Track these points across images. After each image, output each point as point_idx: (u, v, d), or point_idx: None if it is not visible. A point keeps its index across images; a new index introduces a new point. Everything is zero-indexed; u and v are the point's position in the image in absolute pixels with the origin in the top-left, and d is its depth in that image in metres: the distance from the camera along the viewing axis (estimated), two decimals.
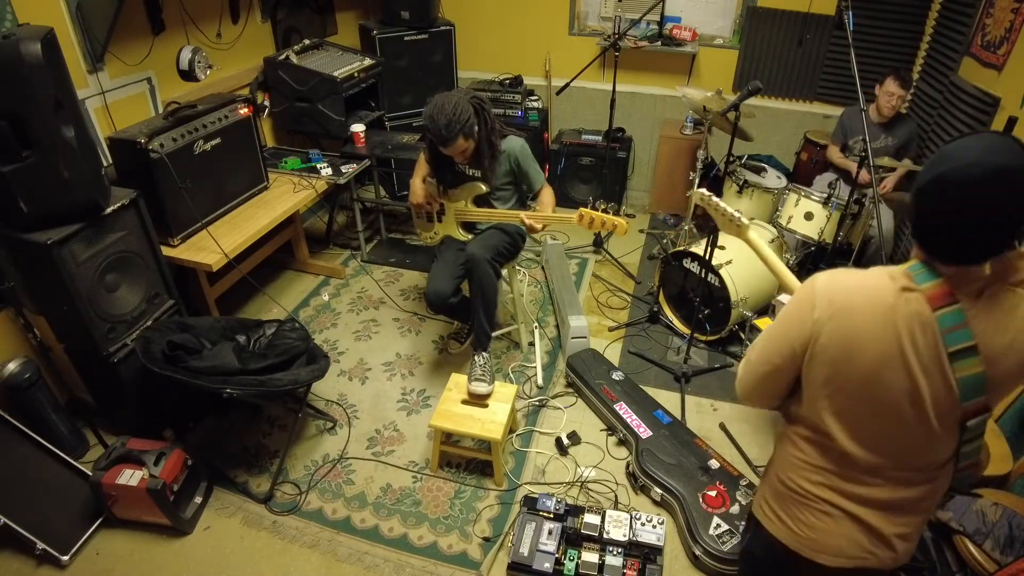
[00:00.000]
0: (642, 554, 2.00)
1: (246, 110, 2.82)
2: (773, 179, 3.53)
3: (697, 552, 2.04)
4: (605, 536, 2.03)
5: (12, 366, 2.22)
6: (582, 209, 2.30)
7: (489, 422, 2.29)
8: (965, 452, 1.05)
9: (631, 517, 2.07)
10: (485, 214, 2.63)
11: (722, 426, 2.65)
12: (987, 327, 0.97)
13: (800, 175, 3.92)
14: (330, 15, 4.10)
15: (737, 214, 1.65)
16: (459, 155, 2.44)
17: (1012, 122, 2.14)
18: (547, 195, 2.57)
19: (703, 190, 1.77)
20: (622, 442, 2.53)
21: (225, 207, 2.82)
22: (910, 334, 0.99)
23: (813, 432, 1.16)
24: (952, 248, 0.97)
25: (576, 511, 2.13)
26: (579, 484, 2.37)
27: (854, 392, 1.06)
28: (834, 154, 3.43)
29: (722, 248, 2.88)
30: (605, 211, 2.28)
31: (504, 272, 2.78)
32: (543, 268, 3.70)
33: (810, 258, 3.26)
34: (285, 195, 3.03)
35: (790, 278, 1.44)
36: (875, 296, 1.02)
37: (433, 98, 2.35)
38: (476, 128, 2.38)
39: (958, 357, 0.97)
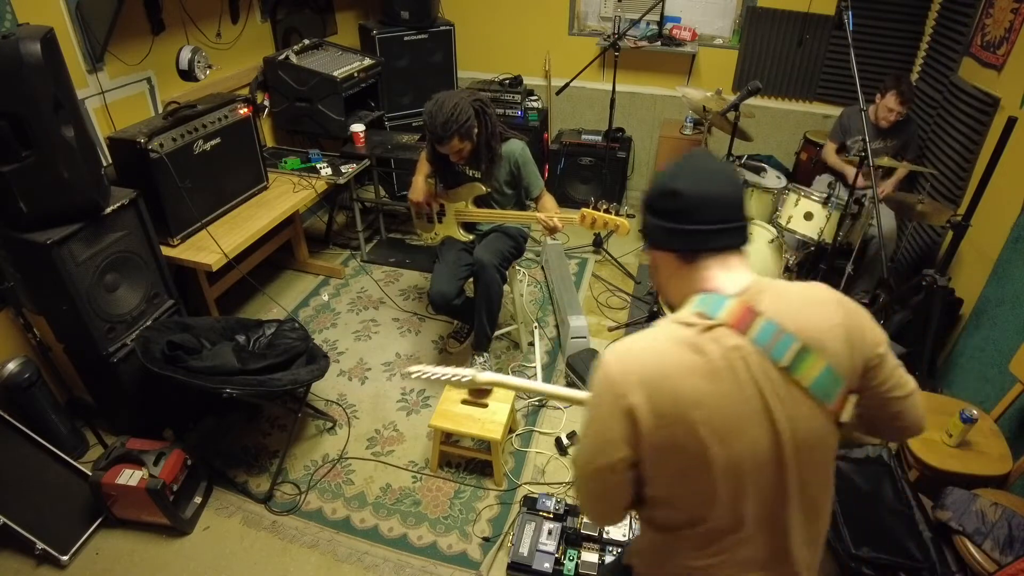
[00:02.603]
0: None
1: (246, 110, 2.82)
2: (773, 179, 3.53)
3: None
4: (605, 536, 2.03)
5: (12, 366, 2.22)
6: (584, 210, 2.30)
7: (489, 422, 2.29)
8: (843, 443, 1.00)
9: (631, 517, 2.07)
10: (486, 215, 2.63)
11: None
12: (796, 319, 0.91)
13: (800, 175, 3.92)
14: (330, 15, 4.10)
15: (459, 372, 1.45)
16: (454, 155, 2.44)
17: (1012, 122, 2.13)
18: (550, 200, 2.58)
19: (412, 367, 1.54)
20: None
21: (225, 207, 2.82)
22: (745, 372, 0.88)
23: (672, 516, 1.00)
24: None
25: (576, 511, 2.13)
26: None
27: (710, 463, 0.89)
28: (830, 154, 3.42)
29: None
30: (607, 211, 2.28)
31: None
32: (543, 268, 3.70)
33: (810, 258, 3.26)
34: (285, 195, 3.03)
35: (571, 394, 1.31)
36: (683, 352, 0.89)
37: (437, 95, 2.35)
38: (475, 131, 2.38)
39: (796, 365, 0.89)
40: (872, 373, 0.99)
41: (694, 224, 0.95)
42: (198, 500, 2.25)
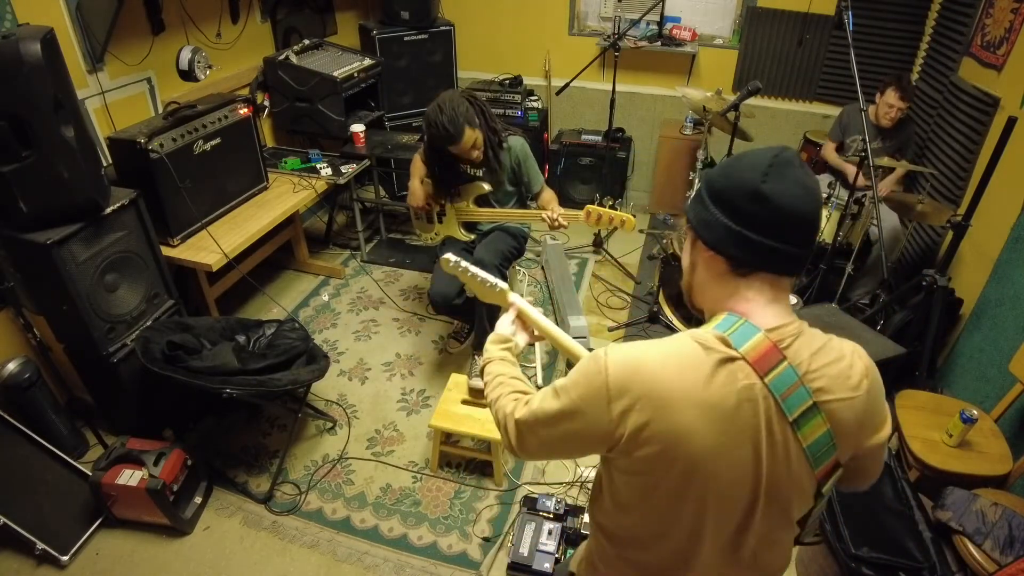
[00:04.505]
0: None
1: (246, 110, 2.82)
2: None
3: None
4: None
5: (12, 366, 2.22)
6: (589, 206, 2.30)
7: (489, 422, 2.29)
8: (814, 513, 0.93)
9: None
10: (488, 214, 2.63)
11: None
12: (819, 373, 0.84)
13: None
14: (330, 15, 4.10)
15: (493, 280, 1.36)
16: (471, 149, 2.40)
17: (1012, 122, 2.13)
18: (551, 195, 2.58)
19: (450, 255, 1.42)
20: None
21: (225, 207, 2.82)
22: (750, 417, 0.82)
23: (629, 529, 0.97)
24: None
25: (576, 511, 2.13)
26: (579, 484, 2.37)
27: (681, 492, 0.86)
28: (830, 153, 3.42)
29: None
30: (612, 207, 2.28)
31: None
32: (543, 268, 3.70)
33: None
34: (285, 195, 3.03)
35: (576, 348, 1.21)
36: (691, 378, 0.81)
37: (428, 107, 2.36)
38: (477, 118, 2.37)
39: (802, 422, 0.83)
40: (858, 456, 0.94)
41: (767, 238, 0.83)
42: (198, 500, 2.25)
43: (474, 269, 1.36)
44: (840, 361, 0.86)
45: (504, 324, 1.26)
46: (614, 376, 0.84)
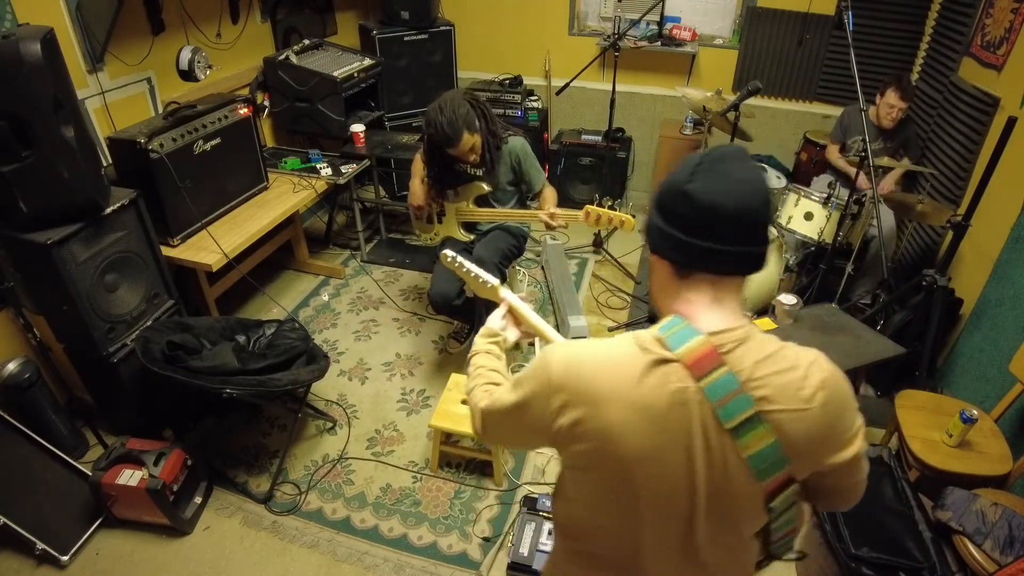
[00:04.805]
0: None
1: (246, 110, 2.82)
2: (773, 179, 3.53)
3: None
4: None
5: (12, 366, 2.22)
6: (588, 207, 2.30)
7: None
8: (777, 527, 0.88)
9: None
10: (487, 214, 2.63)
11: None
12: (766, 382, 0.80)
13: (800, 175, 3.92)
14: (330, 15, 4.10)
15: (486, 276, 1.38)
16: (469, 152, 2.41)
17: (1012, 122, 2.13)
18: (550, 193, 2.58)
19: (448, 251, 1.47)
20: None
21: (225, 207, 2.82)
22: (682, 421, 0.80)
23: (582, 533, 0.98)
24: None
25: None
26: None
27: (621, 488, 0.86)
28: (833, 154, 3.42)
29: None
30: (611, 207, 2.28)
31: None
32: (543, 268, 3.70)
33: (810, 258, 3.25)
34: (285, 195, 3.03)
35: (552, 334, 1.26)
36: (623, 378, 0.81)
37: (430, 105, 2.36)
38: (477, 121, 2.38)
39: (742, 431, 0.79)
40: (825, 473, 0.89)
41: (699, 238, 0.81)
42: (198, 500, 2.25)
43: (469, 265, 1.40)
44: (792, 371, 0.81)
45: (495, 319, 1.28)
46: (555, 372, 0.85)
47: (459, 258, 1.42)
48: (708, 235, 0.81)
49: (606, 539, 0.94)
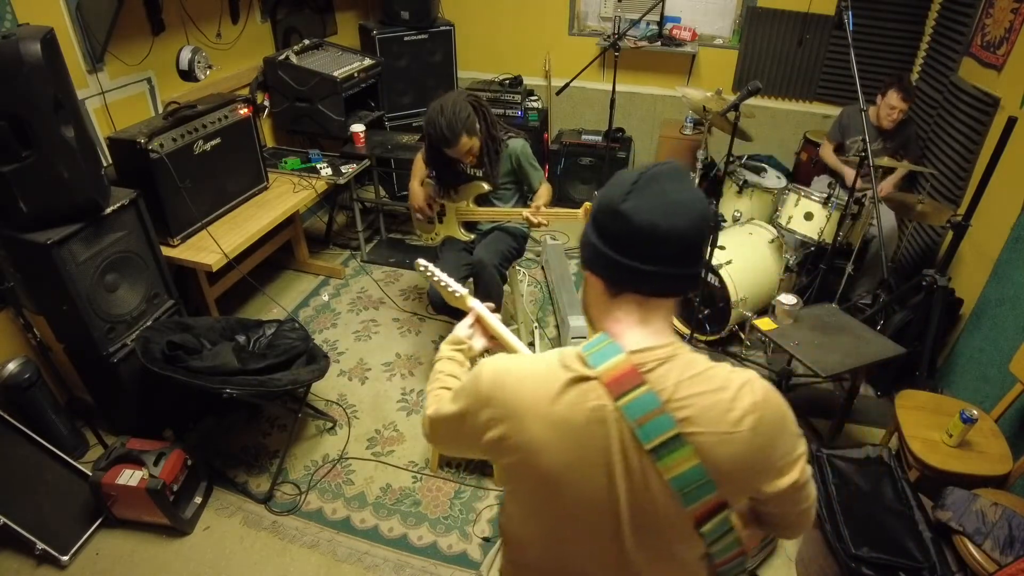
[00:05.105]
0: None
1: (246, 110, 2.82)
2: (773, 179, 3.53)
3: None
4: None
5: (12, 366, 2.22)
6: (587, 204, 2.30)
7: None
8: (716, 552, 0.84)
9: None
10: (487, 213, 2.63)
11: None
12: (690, 403, 0.79)
13: (800, 175, 3.92)
14: (330, 15, 4.10)
15: (455, 286, 1.40)
16: (466, 155, 2.42)
17: (1012, 122, 2.13)
18: (544, 190, 2.57)
19: (420, 260, 1.51)
20: None
21: (225, 207, 2.82)
22: (600, 439, 0.79)
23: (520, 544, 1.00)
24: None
25: None
26: None
27: (545, 504, 0.88)
28: (827, 153, 3.41)
29: (722, 248, 2.88)
30: None
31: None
32: (543, 268, 3.70)
33: (810, 258, 3.26)
34: (285, 195, 3.03)
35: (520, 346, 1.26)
36: (542, 394, 0.81)
37: (432, 104, 2.36)
38: (477, 125, 2.38)
39: (663, 453, 0.77)
40: (764, 501, 0.88)
41: (631, 259, 0.79)
42: (198, 500, 2.25)
43: (440, 274, 1.42)
44: (720, 392, 0.79)
45: (462, 327, 1.29)
46: (484, 386, 0.86)
47: (431, 267, 1.45)
48: (640, 256, 0.79)
49: (535, 551, 0.96)
